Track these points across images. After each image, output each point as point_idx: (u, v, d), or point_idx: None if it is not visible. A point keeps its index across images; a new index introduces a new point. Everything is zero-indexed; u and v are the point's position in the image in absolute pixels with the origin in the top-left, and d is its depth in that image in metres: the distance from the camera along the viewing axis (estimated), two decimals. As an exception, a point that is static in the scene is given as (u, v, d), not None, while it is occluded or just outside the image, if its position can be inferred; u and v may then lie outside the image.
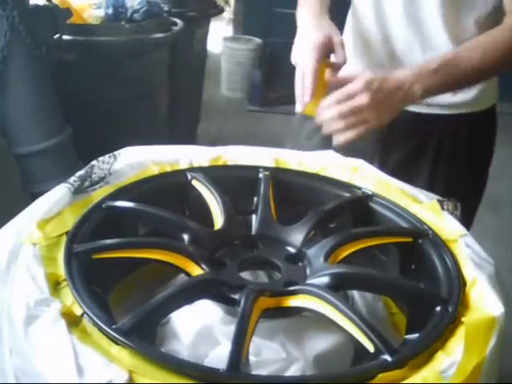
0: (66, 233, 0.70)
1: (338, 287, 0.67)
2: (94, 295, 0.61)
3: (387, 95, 0.91)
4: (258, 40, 4.27)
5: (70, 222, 0.72)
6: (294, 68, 0.98)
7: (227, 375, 0.53)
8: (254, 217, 0.81)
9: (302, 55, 0.96)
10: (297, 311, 0.66)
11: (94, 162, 0.84)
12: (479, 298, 0.65)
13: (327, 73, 0.97)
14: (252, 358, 0.61)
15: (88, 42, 2.31)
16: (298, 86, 0.95)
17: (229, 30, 4.83)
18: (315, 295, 0.64)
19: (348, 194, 0.85)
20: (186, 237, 0.73)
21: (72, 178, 0.80)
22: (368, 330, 0.59)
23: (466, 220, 0.86)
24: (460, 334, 0.60)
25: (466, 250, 0.73)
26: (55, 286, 0.62)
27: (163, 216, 0.76)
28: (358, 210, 0.84)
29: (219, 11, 3.52)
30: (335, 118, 0.89)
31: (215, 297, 0.66)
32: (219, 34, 4.45)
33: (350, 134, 0.90)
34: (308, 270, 0.72)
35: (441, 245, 0.74)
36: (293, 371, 0.62)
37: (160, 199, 0.81)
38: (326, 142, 1.16)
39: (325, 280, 0.66)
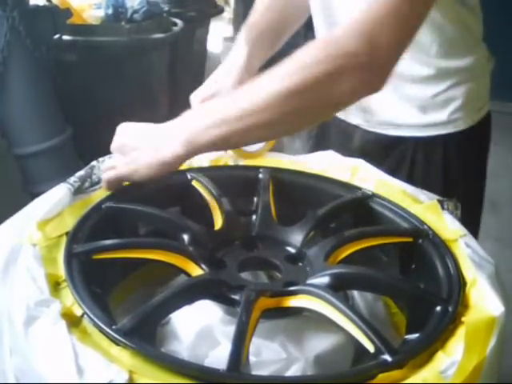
0: (66, 233, 0.70)
1: (338, 287, 0.67)
2: (94, 296, 0.61)
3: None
4: (257, 40, 4.27)
5: (70, 222, 0.72)
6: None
7: (227, 375, 0.53)
8: (253, 217, 0.81)
9: None
10: (297, 311, 0.66)
11: (94, 163, 0.84)
12: (479, 298, 0.65)
13: None
14: (252, 359, 0.61)
15: (88, 43, 2.32)
16: None
17: (229, 30, 4.82)
18: (315, 295, 0.64)
19: (348, 195, 0.85)
20: (185, 237, 0.73)
21: (72, 179, 0.80)
22: (368, 330, 0.59)
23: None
24: (460, 333, 0.60)
25: (466, 250, 0.73)
26: (55, 286, 0.62)
27: (163, 216, 0.76)
28: (358, 211, 0.84)
29: (219, 11, 3.53)
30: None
31: (215, 297, 0.66)
32: (219, 34, 4.45)
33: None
34: (308, 271, 0.72)
35: (441, 245, 0.74)
36: (293, 371, 0.62)
37: (160, 199, 0.81)
38: (320, 139, 1.16)
39: (325, 280, 0.66)
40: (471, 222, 0.81)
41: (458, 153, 1.04)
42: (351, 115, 1.08)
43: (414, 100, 1.01)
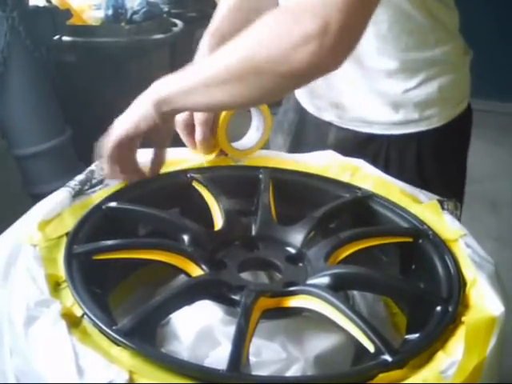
0: (66, 234, 0.70)
1: (339, 287, 0.67)
2: (95, 296, 0.61)
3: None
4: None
5: (70, 223, 0.72)
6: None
7: (227, 376, 0.53)
8: (253, 217, 0.81)
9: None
10: (297, 311, 0.66)
11: (93, 167, 0.84)
12: (479, 298, 0.65)
13: None
14: (252, 359, 0.61)
15: (88, 43, 2.32)
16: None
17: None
18: (315, 295, 0.64)
19: (348, 195, 0.85)
20: (186, 237, 0.73)
21: (72, 182, 0.80)
22: (368, 330, 0.59)
23: None
24: (460, 333, 0.60)
25: (466, 250, 0.73)
26: (55, 286, 0.62)
27: (163, 217, 0.76)
28: (358, 211, 0.84)
29: (219, 12, 3.52)
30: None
31: (215, 297, 0.66)
32: (219, 35, 4.45)
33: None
34: (308, 271, 0.72)
35: (441, 245, 0.74)
36: (293, 371, 0.62)
37: (160, 200, 0.81)
38: (299, 135, 1.16)
39: (325, 280, 0.66)
40: None
41: (433, 150, 1.03)
42: (324, 112, 1.07)
43: (385, 96, 0.99)
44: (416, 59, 0.97)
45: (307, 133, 1.14)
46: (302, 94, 1.12)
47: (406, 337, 0.64)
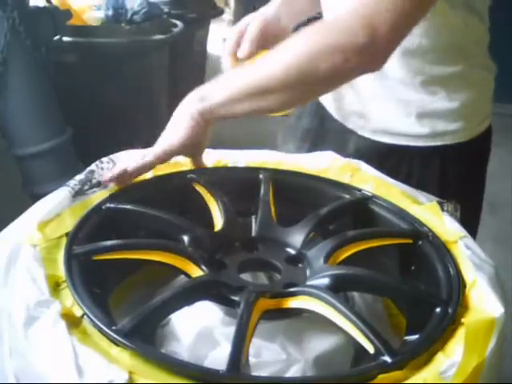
0: (66, 234, 0.70)
1: (338, 288, 0.67)
2: (94, 296, 0.61)
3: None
4: (257, 41, 4.27)
5: (69, 223, 0.72)
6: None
7: (227, 376, 0.53)
8: (253, 218, 0.81)
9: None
10: (297, 312, 0.66)
11: (93, 167, 0.84)
12: (479, 299, 0.65)
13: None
14: (252, 360, 0.61)
15: (88, 44, 2.32)
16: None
17: (229, 32, 4.82)
18: (315, 296, 0.64)
19: (348, 196, 0.85)
20: (185, 238, 0.73)
21: (72, 182, 0.80)
22: (368, 331, 0.59)
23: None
24: (460, 335, 0.60)
25: (466, 252, 0.73)
26: (55, 287, 0.62)
27: (163, 217, 0.76)
28: (358, 212, 0.84)
29: (219, 13, 3.54)
30: None
31: (215, 298, 0.66)
32: (219, 36, 4.45)
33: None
34: (308, 272, 0.72)
35: (441, 246, 0.74)
36: (293, 372, 0.62)
37: (160, 201, 0.81)
38: (317, 142, 1.16)
39: (325, 281, 0.66)
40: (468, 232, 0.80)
41: (456, 165, 1.02)
42: (347, 121, 1.06)
43: (409, 107, 0.98)
44: (442, 72, 0.96)
45: (326, 140, 1.12)
46: (328, 101, 1.10)
47: (406, 338, 0.64)
